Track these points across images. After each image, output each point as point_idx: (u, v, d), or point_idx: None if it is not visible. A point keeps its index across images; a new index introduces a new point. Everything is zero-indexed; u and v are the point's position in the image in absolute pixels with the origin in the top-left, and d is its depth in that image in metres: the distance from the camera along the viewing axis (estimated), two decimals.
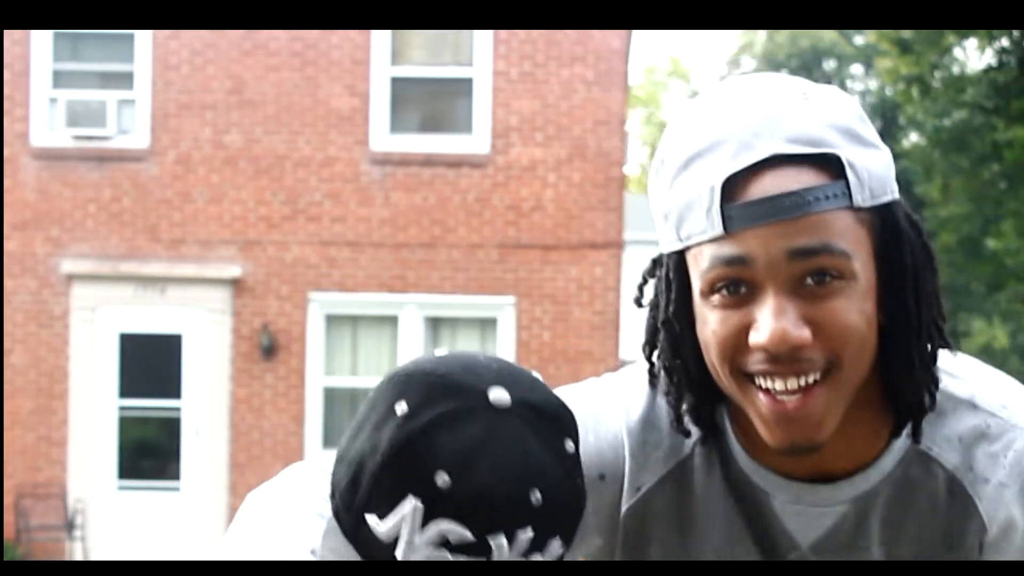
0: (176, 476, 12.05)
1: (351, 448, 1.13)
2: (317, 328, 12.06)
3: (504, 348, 11.98)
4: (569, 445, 1.15)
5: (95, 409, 12.00)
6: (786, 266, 1.13)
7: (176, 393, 12.07)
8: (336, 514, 1.14)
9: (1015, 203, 15.16)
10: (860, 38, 30.12)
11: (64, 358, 12.02)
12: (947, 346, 1.24)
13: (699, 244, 1.16)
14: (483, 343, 12.09)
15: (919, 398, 1.22)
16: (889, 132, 29.23)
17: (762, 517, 1.30)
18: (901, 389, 1.22)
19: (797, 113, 1.15)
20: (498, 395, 1.11)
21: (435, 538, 1.07)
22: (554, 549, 1.12)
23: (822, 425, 1.17)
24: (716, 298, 1.16)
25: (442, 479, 1.07)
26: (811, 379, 1.15)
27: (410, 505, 1.08)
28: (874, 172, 1.17)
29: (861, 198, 1.15)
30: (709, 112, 1.19)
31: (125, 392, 12.03)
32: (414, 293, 12.03)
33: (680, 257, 1.21)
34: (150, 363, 12.07)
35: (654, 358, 1.29)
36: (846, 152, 1.15)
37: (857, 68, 32.25)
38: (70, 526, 11.79)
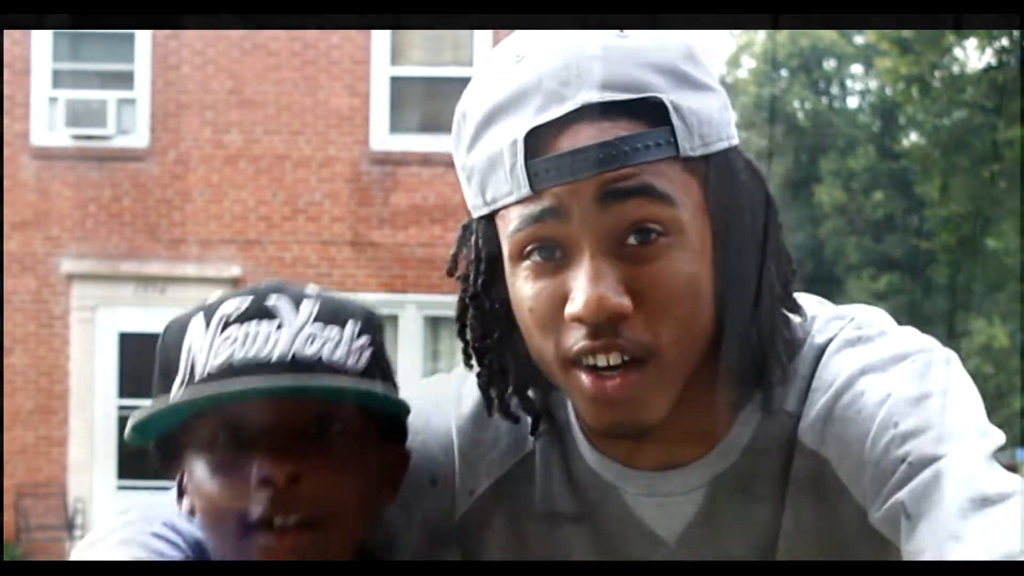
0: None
1: None
2: None
3: None
4: None
5: (95, 409, 11.99)
6: (601, 215, 0.98)
7: None
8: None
9: (1015, 203, 15.16)
10: (860, 38, 30.12)
11: (64, 358, 12.02)
12: (795, 310, 1.08)
13: (506, 207, 1.02)
14: None
15: (763, 370, 1.07)
16: (889, 132, 29.24)
17: (615, 515, 1.13)
18: (739, 361, 1.06)
19: (612, 55, 1.03)
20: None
21: (222, 325, 1.11)
22: (347, 323, 1.16)
23: (649, 407, 1.01)
24: (528, 265, 1.02)
25: (210, 296, 1.13)
26: (627, 358, 0.99)
27: (191, 323, 1.14)
28: (705, 116, 1.02)
29: (690, 146, 1.00)
30: (516, 58, 1.06)
31: (125, 392, 12.02)
32: (414, 293, 12.03)
33: (489, 222, 1.06)
34: (150, 363, 12.03)
35: (468, 337, 1.13)
36: (670, 95, 1.00)
37: (857, 68, 32.25)
38: (70, 526, 11.78)
